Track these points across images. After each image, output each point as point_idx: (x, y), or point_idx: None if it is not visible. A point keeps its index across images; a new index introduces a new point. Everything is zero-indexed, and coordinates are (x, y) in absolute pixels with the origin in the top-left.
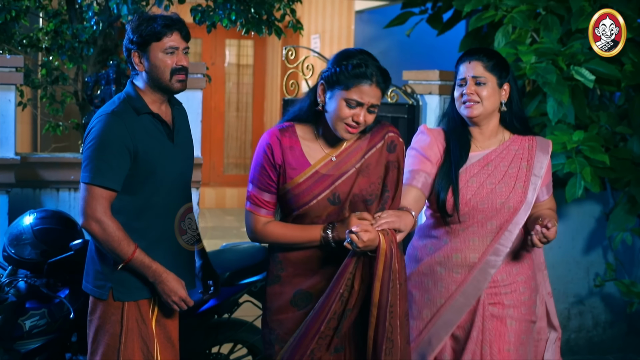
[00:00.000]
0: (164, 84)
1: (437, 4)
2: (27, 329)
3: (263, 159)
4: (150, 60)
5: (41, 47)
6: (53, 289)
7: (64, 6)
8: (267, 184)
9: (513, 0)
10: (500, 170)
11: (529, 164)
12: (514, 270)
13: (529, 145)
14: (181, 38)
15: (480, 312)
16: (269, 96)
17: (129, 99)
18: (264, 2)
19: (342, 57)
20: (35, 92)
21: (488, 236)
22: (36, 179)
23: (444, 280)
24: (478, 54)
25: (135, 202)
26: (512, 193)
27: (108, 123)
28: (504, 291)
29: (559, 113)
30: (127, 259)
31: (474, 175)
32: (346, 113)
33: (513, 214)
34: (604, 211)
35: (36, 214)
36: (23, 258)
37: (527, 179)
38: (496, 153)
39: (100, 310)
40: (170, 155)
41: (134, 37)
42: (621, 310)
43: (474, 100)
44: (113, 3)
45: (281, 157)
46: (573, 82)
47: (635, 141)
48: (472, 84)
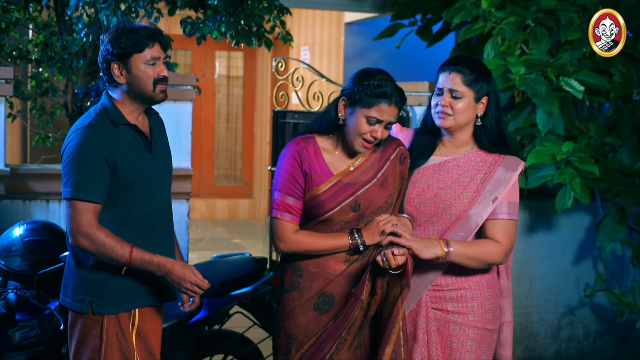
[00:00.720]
0: (147, 94)
1: (427, 15)
2: (17, 341)
3: (291, 165)
4: (132, 71)
5: (31, 58)
6: (43, 300)
7: (53, 18)
8: (295, 189)
9: (502, 12)
10: (451, 177)
11: (485, 177)
12: (462, 276)
13: (493, 160)
14: (161, 48)
15: (423, 314)
16: (259, 107)
17: (105, 111)
18: (254, 14)
19: (364, 77)
20: (25, 104)
21: None
22: (26, 190)
23: None
24: (460, 65)
25: (116, 215)
26: (455, 200)
27: (85, 136)
28: (448, 296)
29: (548, 124)
30: (127, 262)
31: (423, 177)
32: (365, 129)
33: (455, 222)
34: (593, 222)
35: (26, 226)
36: (13, 269)
37: (479, 191)
38: (455, 161)
39: (80, 324)
40: (149, 166)
41: (114, 49)
42: (611, 321)
43: (446, 113)
44: (103, 15)
45: (308, 165)
46: (562, 93)
47: (624, 152)
48: (447, 95)
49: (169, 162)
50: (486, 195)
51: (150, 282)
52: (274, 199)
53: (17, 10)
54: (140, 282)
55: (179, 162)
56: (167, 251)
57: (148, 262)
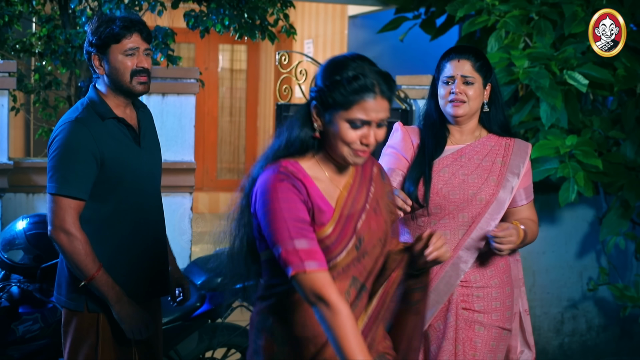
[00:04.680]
0: (125, 86)
1: (430, 9)
2: (20, 334)
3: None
4: (110, 62)
5: (34, 52)
6: (46, 294)
7: (57, 11)
8: (306, 229)
9: (506, 5)
10: (473, 162)
11: (505, 160)
12: (488, 272)
13: (506, 144)
14: (142, 39)
15: (454, 311)
16: (262, 101)
17: (93, 104)
18: (257, 7)
19: (333, 70)
20: (28, 97)
21: (460, 229)
22: (29, 183)
23: None
24: (467, 53)
25: (105, 209)
26: (484, 184)
27: (72, 130)
28: (476, 294)
29: (552, 117)
30: (90, 276)
31: (446, 165)
32: (352, 136)
33: (485, 207)
34: (597, 215)
35: (29, 219)
36: (16, 263)
37: (502, 174)
38: (471, 147)
39: (75, 322)
40: (138, 160)
41: (93, 39)
42: (614, 314)
43: (461, 100)
44: (106, 8)
45: (308, 197)
46: (566, 86)
47: (628, 145)
48: (460, 82)
49: (157, 154)
50: (510, 179)
51: (142, 277)
52: (284, 254)
53: (20, 4)
54: (133, 278)
55: (182, 156)
56: (158, 242)
57: (110, 286)
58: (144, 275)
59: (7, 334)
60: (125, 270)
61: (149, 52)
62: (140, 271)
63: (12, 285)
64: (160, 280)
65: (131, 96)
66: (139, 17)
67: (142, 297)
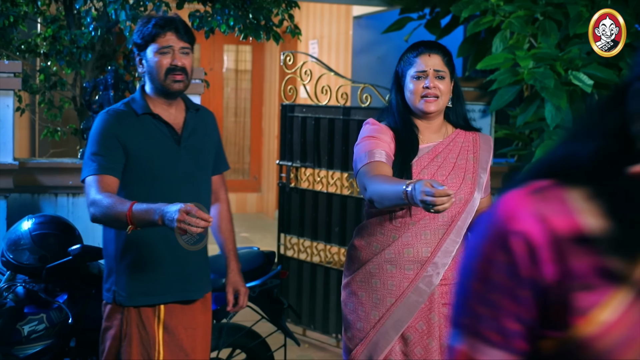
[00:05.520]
0: (160, 84)
1: (435, 9)
2: (26, 334)
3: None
4: (148, 61)
5: (39, 52)
6: (51, 294)
7: (62, 12)
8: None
9: (511, 6)
10: (449, 161)
11: (475, 156)
12: None
13: (473, 139)
14: (177, 38)
15: (436, 310)
16: (267, 101)
17: (132, 101)
18: (262, 8)
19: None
20: (34, 98)
21: (440, 229)
22: (34, 184)
23: (394, 278)
24: (436, 48)
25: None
26: (462, 184)
27: (100, 120)
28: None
29: (557, 118)
30: (127, 216)
31: (424, 167)
32: None
33: (464, 205)
34: None
35: (34, 219)
36: (21, 263)
37: (475, 170)
38: (443, 145)
39: (106, 313)
40: (174, 158)
41: (136, 39)
42: None
43: (435, 95)
44: (111, 9)
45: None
46: (571, 87)
47: None
48: (433, 77)
49: (203, 157)
50: (481, 174)
51: (176, 277)
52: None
53: (25, 4)
54: (164, 277)
55: None
56: (196, 252)
57: (146, 211)
58: (176, 274)
59: (13, 334)
60: (159, 270)
61: (186, 50)
62: (172, 268)
63: (17, 285)
64: (193, 280)
65: (169, 95)
66: (175, 16)
67: (174, 298)
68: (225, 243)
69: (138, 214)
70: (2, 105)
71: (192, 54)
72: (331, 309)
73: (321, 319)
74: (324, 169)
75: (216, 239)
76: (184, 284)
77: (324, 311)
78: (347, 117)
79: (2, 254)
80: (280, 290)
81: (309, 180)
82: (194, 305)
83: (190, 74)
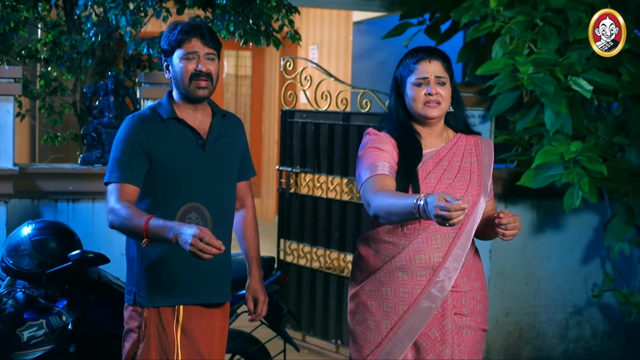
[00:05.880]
0: (184, 89)
1: (435, 14)
2: (25, 340)
3: None
4: (174, 67)
5: (40, 58)
6: (51, 299)
7: (62, 17)
8: None
9: (510, 11)
10: (454, 164)
11: (479, 159)
12: (472, 274)
13: (475, 142)
14: (202, 44)
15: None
16: (267, 107)
17: (159, 106)
18: (262, 13)
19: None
20: (34, 103)
21: (450, 233)
22: (34, 189)
23: (406, 286)
24: (436, 54)
25: (160, 207)
26: (469, 187)
27: (125, 126)
28: (464, 298)
29: (556, 123)
30: (143, 229)
31: (430, 171)
32: None
33: (472, 208)
34: (601, 221)
35: (34, 225)
36: (21, 269)
37: (480, 173)
38: (447, 149)
39: (127, 314)
40: (198, 163)
41: (163, 46)
42: (619, 321)
43: (437, 101)
44: (112, 14)
45: None
46: (570, 92)
47: (632, 151)
48: (434, 84)
49: (229, 163)
50: (486, 177)
51: (197, 280)
52: None
53: (26, 10)
54: (185, 279)
55: None
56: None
57: (162, 227)
58: (198, 279)
59: (12, 339)
60: (173, 267)
61: (212, 56)
62: (192, 273)
63: (17, 291)
64: (214, 285)
65: (193, 101)
66: (202, 22)
67: (193, 300)
68: (249, 250)
69: (154, 229)
70: (3, 110)
71: (218, 60)
72: (330, 314)
73: (321, 324)
74: (323, 175)
75: (240, 245)
76: (205, 287)
77: (323, 317)
78: (347, 123)
79: (2, 260)
80: (280, 295)
81: (309, 185)
82: (213, 311)
83: (215, 80)
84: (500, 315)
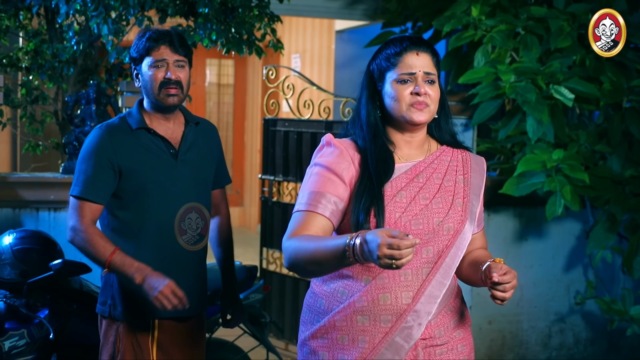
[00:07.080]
0: (154, 98)
1: (417, 23)
2: (6, 350)
3: None
4: (143, 75)
5: (21, 66)
6: (32, 309)
7: (44, 26)
8: None
9: (492, 20)
10: (433, 182)
11: (466, 178)
12: (451, 323)
13: (463, 158)
14: (172, 51)
15: None
16: (249, 115)
17: (128, 115)
18: (245, 22)
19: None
20: (15, 112)
21: (423, 268)
22: (16, 198)
23: (366, 334)
24: (424, 45)
25: (129, 218)
26: (450, 210)
27: (93, 137)
28: (439, 351)
29: (538, 132)
30: (107, 262)
31: (402, 188)
32: None
33: (454, 237)
34: (584, 229)
35: (15, 234)
36: (2, 278)
37: (466, 196)
38: (426, 163)
39: (103, 327)
40: (170, 173)
41: (132, 53)
42: (602, 328)
43: (425, 103)
44: (93, 23)
45: None
46: (552, 100)
47: (614, 159)
48: (423, 81)
49: (202, 172)
50: (473, 205)
51: None
52: None
53: (7, 18)
54: None
55: None
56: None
57: (128, 265)
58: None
59: None
60: None
61: (182, 63)
62: None
63: None
64: (189, 298)
65: (164, 109)
66: (171, 29)
67: (168, 314)
68: (223, 257)
69: (118, 264)
70: None
71: (190, 67)
72: None
73: None
74: None
75: (214, 252)
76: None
77: None
78: (329, 131)
79: None
80: (263, 304)
81: (292, 194)
82: (189, 323)
83: (186, 88)
84: (483, 323)
